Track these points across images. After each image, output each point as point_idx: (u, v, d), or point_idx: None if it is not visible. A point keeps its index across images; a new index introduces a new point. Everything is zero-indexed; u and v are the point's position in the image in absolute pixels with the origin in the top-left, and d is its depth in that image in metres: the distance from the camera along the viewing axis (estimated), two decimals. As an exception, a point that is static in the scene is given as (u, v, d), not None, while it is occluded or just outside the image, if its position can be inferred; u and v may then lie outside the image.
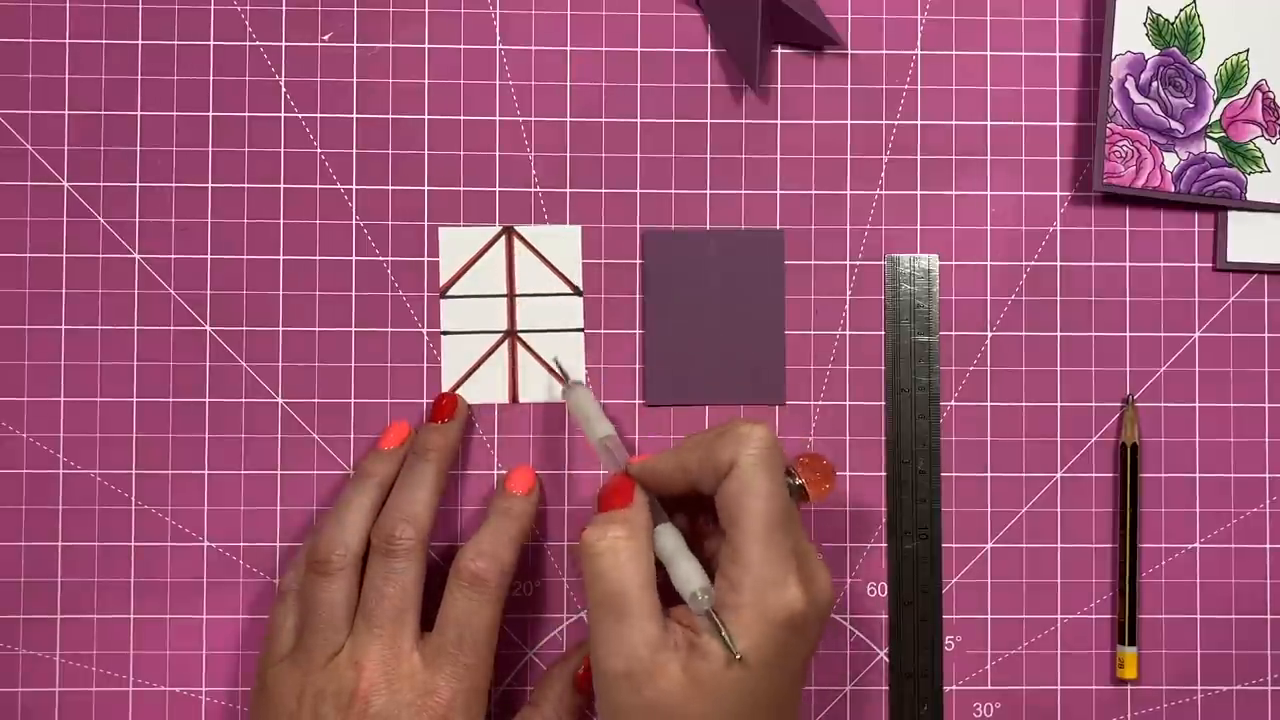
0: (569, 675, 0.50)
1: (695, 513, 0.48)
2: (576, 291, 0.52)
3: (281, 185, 0.52)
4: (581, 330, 0.52)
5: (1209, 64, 0.52)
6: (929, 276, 0.52)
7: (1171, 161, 0.52)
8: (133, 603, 0.51)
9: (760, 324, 0.52)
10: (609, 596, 0.43)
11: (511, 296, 0.52)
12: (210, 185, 0.52)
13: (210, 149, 0.52)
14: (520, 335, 0.52)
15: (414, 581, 0.47)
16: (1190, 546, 0.52)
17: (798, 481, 0.46)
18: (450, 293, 0.52)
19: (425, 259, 0.52)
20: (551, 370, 0.51)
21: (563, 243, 0.52)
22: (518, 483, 0.50)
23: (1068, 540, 0.52)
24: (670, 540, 0.45)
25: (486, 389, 0.52)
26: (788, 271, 0.52)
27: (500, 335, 0.52)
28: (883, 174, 0.53)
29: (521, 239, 0.52)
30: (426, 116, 0.52)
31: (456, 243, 0.52)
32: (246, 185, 0.52)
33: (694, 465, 0.45)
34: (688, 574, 0.43)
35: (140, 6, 0.52)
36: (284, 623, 0.48)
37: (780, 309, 0.52)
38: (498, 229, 0.52)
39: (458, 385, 0.52)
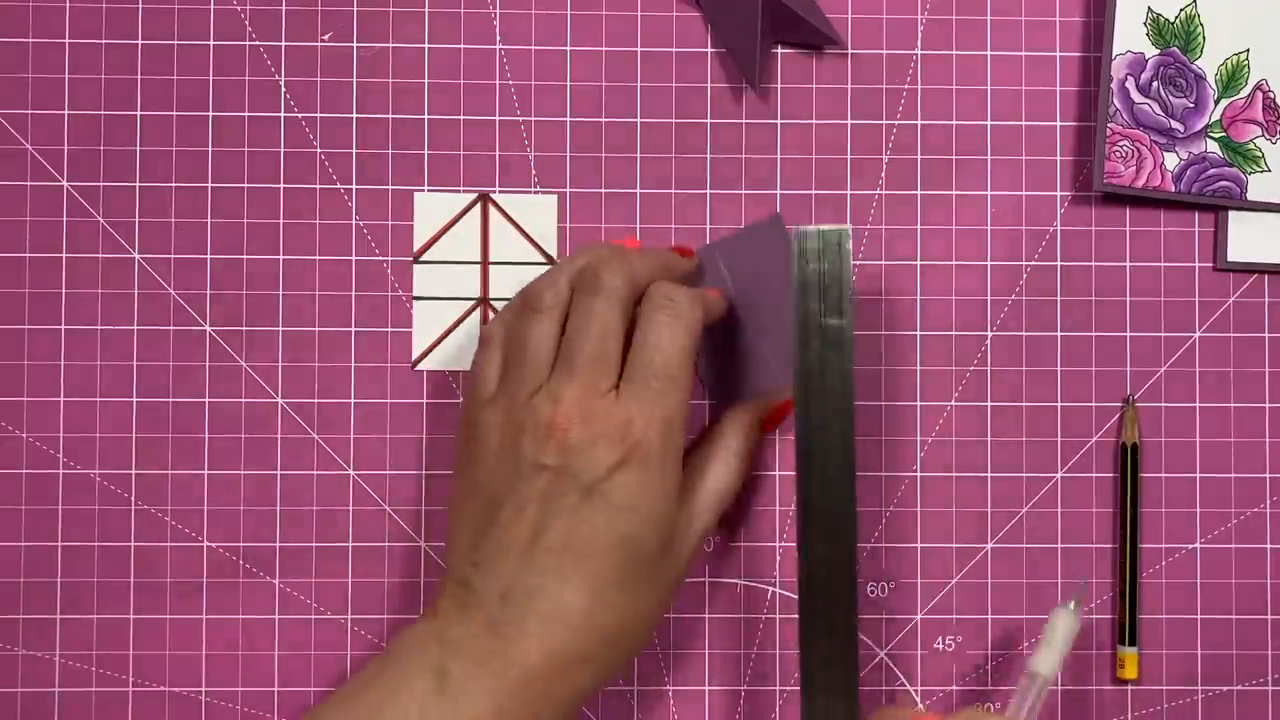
0: (761, 410, 0.51)
1: None
2: (551, 261, 0.52)
3: (281, 185, 0.52)
4: None
5: (1209, 64, 0.52)
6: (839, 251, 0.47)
7: (1172, 161, 0.52)
8: (132, 603, 0.51)
9: (763, 323, 0.52)
10: None
11: (485, 264, 0.52)
12: (210, 185, 0.52)
13: (210, 149, 0.52)
14: (493, 304, 0.52)
15: (618, 323, 0.46)
16: (1190, 546, 0.52)
17: None
18: (424, 258, 0.52)
19: (425, 259, 0.52)
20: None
21: (538, 211, 0.52)
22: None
23: (1068, 540, 0.52)
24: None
25: (456, 356, 0.52)
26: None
27: (473, 303, 0.52)
28: (883, 174, 0.53)
29: (497, 206, 0.52)
30: (426, 116, 0.52)
31: (431, 208, 0.52)
32: (246, 185, 0.52)
33: None
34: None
35: (140, 6, 0.52)
36: (488, 368, 0.47)
37: (786, 302, 0.52)
38: (474, 195, 0.52)
39: (428, 351, 0.52)
